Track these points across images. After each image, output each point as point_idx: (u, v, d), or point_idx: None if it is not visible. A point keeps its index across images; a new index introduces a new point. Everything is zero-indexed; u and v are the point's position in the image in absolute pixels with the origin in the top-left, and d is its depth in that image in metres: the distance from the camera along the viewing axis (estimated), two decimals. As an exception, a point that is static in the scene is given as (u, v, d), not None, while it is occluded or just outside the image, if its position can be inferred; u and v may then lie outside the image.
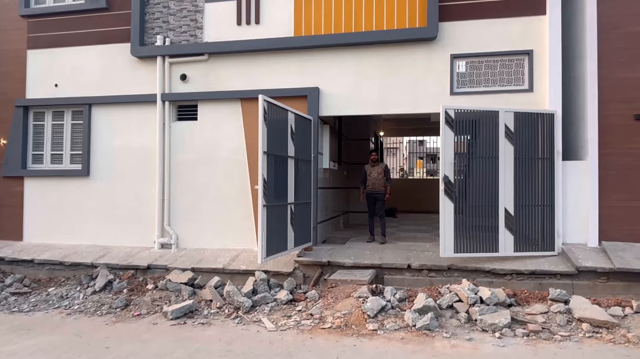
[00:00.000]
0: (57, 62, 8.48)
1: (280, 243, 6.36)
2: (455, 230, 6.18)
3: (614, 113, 6.39)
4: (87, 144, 8.24)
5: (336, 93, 7.38)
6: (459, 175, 6.32)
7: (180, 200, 7.87)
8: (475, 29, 6.91)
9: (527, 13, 6.74)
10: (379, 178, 7.74)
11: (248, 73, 7.66)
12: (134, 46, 7.95)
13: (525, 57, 6.80)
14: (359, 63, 7.30)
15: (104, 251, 7.68)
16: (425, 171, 25.26)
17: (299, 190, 6.90)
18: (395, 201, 12.93)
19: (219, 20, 7.79)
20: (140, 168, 7.99)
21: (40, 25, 8.61)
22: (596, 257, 6.00)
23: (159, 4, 8.04)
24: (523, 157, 6.39)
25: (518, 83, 6.85)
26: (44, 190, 8.45)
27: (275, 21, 7.58)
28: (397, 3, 7.16)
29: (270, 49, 7.53)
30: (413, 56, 7.13)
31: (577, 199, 6.49)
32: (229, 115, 7.72)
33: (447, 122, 6.22)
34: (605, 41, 6.42)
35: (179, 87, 7.94)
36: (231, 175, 7.65)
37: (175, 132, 7.94)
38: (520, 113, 6.40)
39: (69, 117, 8.53)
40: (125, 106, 8.12)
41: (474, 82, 7.00)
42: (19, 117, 8.55)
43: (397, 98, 7.17)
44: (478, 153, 6.33)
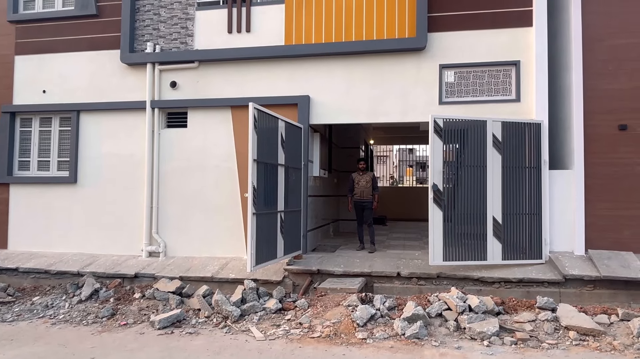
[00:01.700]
0: (46, 68, 8.41)
1: (269, 251, 6.33)
2: (444, 238, 6.21)
3: (599, 123, 6.51)
4: (74, 151, 8.15)
5: (326, 102, 7.42)
6: (448, 184, 6.37)
7: (169, 207, 7.81)
8: (463, 40, 7.01)
9: (514, 25, 6.86)
10: (367, 187, 7.77)
11: (238, 81, 7.67)
12: (123, 53, 7.92)
13: (513, 67, 6.91)
14: (349, 72, 7.36)
15: (90, 260, 7.58)
16: (415, 179, 25.41)
17: (289, 198, 6.89)
18: (385, 209, 13.00)
19: (210, 28, 7.81)
20: (129, 176, 7.93)
21: (28, 31, 8.54)
22: (583, 265, 6.07)
23: (149, 11, 8.03)
24: (510, 166, 6.47)
25: (505, 94, 6.95)
26: (30, 197, 8.33)
27: (266, 30, 7.61)
28: (387, 13, 7.25)
29: (261, 57, 7.55)
30: (402, 66, 7.20)
31: (563, 208, 6.58)
32: (218, 122, 7.71)
33: (436, 131, 6.28)
34: (590, 53, 6.56)
35: (168, 94, 7.92)
36: (221, 182, 7.62)
37: (164, 139, 7.90)
38: (508, 123, 6.48)
39: (57, 123, 8.44)
40: (114, 113, 8.07)
41: (462, 91, 7.09)
42: (6, 123, 8.44)
43: (386, 107, 7.22)
44: (466, 162, 6.39)
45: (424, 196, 7.69)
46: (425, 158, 26.47)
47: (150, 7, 8.02)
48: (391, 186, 18.25)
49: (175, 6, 7.92)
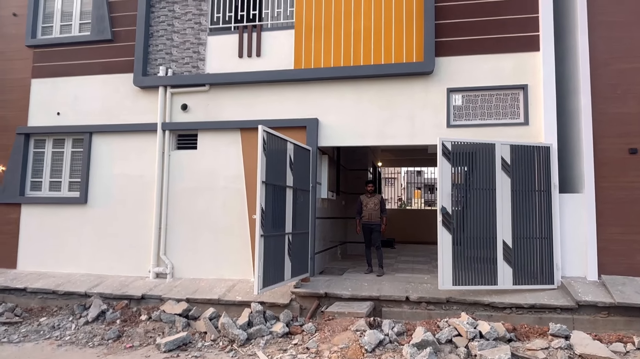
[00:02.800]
0: (61, 90, 8.61)
1: (277, 273, 6.30)
2: (454, 262, 6.14)
3: (608, 147, 6.48)
4: (86, 172, 8.26)
5: (335, 124, 7.48)
6: (457, 206, 6.33)
7: (177, 228, 7.83)
8: (471, 64, 7.08)
9: (521, 49, 6.93)
10: (376, 209, 7.74)
11: (248, 104, 7.79)
12: (136, 76, 8.10)
13: (520, 91, 6.94)
14: (357, 96, 7.44)
15: (98, 280, 7.58)
16: (423, 201, 25.30)
17: (296, 220, 6.88)
18: (393, 231, 12.91)
19: (221, 53, 7.98)
20: (138, 197, 7.99)
21: (45, 55, 8.79)
22: (596, 291, 5.94)
23: (162, 36, 8.24)
24: (520, 189, 6.43)
25: (514, 117, 6.96)
26: (40, 218, 8.42)
27: (276, 54, 7.76)
28: (395, 38, 7.36)
29: (271, 81, 7.68)
30: (410, 89, 7.27)
31: (575, 232, 6.49)
32: (228, 144, 7.79)
33: (444, 154, 6.29)
34: (598, 77, 6.58)
35: (179, 116, 8.05)
36: (229, 204, 7.65)
37: (174, 161, 7.99)
38: (517, 146, 6.47)
39: (70, 144, 8.59)
40: (125, 135, 8.20)
41: (470, 114, 7.11)
42: (20, 144, 8.61)
43: (395, 129, 7.26)
44: (475, 185, 6.36)
45: (433, 218, 7.64)
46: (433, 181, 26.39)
47: (164, 33, 8.24)
48: (399, 209, 18.17)
49: (188, 32, 8.13)
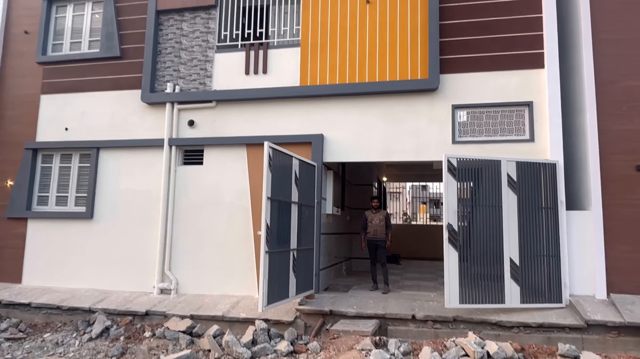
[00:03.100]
0: (69, 106, 8.72)
1: (281, 290, 6.26)
2: (460, 279, 6.08)
3: (615, 164, 6.44)
4: (92, 187, 8.31)
5: (340, 140, 7.51)
6: (463, 221, 6.29)
7: (182, 244, 7.83)
8: (475, 81, 7.11)
9: (526, 67, 6.96)
10: (381, 225, 7.71)
11: (254, 120, 7.84)
12: (144, 93, 8.19)
13: (526, 108, 6.95)
14: (362, 112, 7.48)
15: (102, 296, 7.56)
16: (429, 216, 25.17)
17: (301, 235, 6.87)
18: (399, 247, 12.83)
19: (228, 70, 8.07)
20: (144, 212, 8.02)
21: (55, 71, 8.93)
22: (605, 310, 5.85)
23: (170, 53, 8.36)
24: (526, 206, 6.39)
25: (519, 133, 6.96)
26: (46, 232, 8.45)
27: (282, 71, 7.84)
28: (400, 56, 7.42)
29: (277, 97, 7.74)
30: (415, 106, 7.30)
31: (582, 250, 6.42)
32: (234, 160, 7.82)
33: (450, 170, 6.28)
34: (604, 94, 6.58)
35: (186, 132, 8.11)
36: (234, 219, 7.65)
37: (180, 176, 8.03)
38: (522, 163, 6.46)
39: (77, 159, 8.67)
40: (132, 150, 8.26)
41: (475, 131, 7.12)
42: (28, 159, 8.70)
43: (400, 146, 7.27)
44: (481, 202, 6.33)
45: (438, 234, 7.60)
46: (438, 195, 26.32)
47: (172, 50, 8.36)
48: (404, 224, 18.09)
49: (195, 49, 8.25)
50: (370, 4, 7.58)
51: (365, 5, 7.61)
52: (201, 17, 8.30)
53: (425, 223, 18.10)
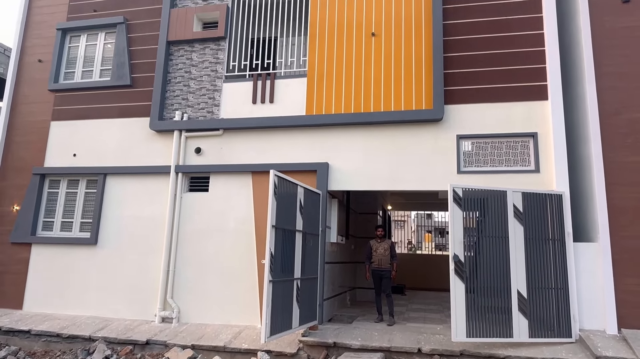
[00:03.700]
0: (78, 133, 8.85)
1: (284, 321, 6.15)
2: (467, 312, 5.96)
3: (622, 196, 6.40)
4: (98, 212, 8.34)
5: (345, 169, 7.53)
6: (469, 252, 6.22)
7: (185, 271, 7.77)
8: (479, 112, 7.18)
9: (530, 98, 7.02)
10: (386, 255, 7.63)
11: (260, 148, 7.91)
12: (153, 121, 8.32)
13: (530, 139, 6.98)
14: (367, 141, 7.53)
15: (103, 324, 7.46)
16: (434, 245, 24.94)
17: (305, 264, 6.80)
18: (404, 277, 12.65)
19: (236, 99, 8.20)
20: (148, 239, 8.00)
21: (65, 99, 9.11)
22: (617, 346, 5.69)
23: (180, 82, 8.53)
24: (533, 237, 6.33)
25: (524, 164, 6.96)
26: (50, 258, 8.43)
27: (288, 100, 7.96)
28: (405, 86, 7.53)
29: (283, 126, 7.83)
30: (420, 135, 7.35)
31: (591, 283, 6.30)
32: (239, 187, 7.85)
33: (455, 201, 6.26)
34: (608, 126, 6.61)
35: (192, 159, 8.18)
36: (238, 247, 7.61)
37: (185, 203, 8.04)
38: (528, 194, 6.43)
39: (84, 185, 8.73)
40: (139, 176, 8.32)
41: (480, 161, 7.13)
42: (35, 184, 8.77)
43: (405, 175, 7.28)
44: (487, 233, 6.28)
45: (444, 264, 7.50)
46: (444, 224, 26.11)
47: (181, 79, 8.53)
48: (410, 254, 17.90)
49: (204, 79, 8.42)
50: (375, 36, 7.76)
51: (370, 37, 7.78)
52: (210, 48, 8.51)
53: (430, 252, 17.90)
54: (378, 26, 7.79)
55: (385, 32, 7.74)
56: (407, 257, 14.93)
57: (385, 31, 7.75)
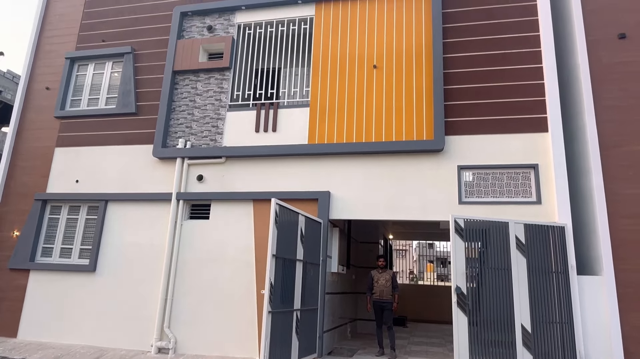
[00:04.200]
0: (82, 159, 8.91)
1: (283, 353, 6.02)
2: (470, 346, 5.83)
3: (625, 228, 6.36)
4: (97, 239, 8.30)
5: (347, 198, 7.53)
6: (472, 283, 6.14)
7: (183, 300, 7.66)
8: (480, 143, 7.23)
9: (530, 130, 7.09)
10: (387, 286, 7.53)
11: (262, 176, 7.94)
12: (156, 148, 8.39)
13: (531, 170, 7.00)
14: (369, 170, 7.56)
15: (98, 354, 7.30)
16: (436, 275, 24.62)
17: (305, 295, 6.71)
18: (405, 308, 12.44)
19: (239, 127, 8.29)
20: (147, 266, 7.93)
21: (70, 125, 9.23)
22: (625, 384, 5.53)
23: (184, 111, 8.66)
24: (536, 270, 6.25)
25: (526, 195, 6.96)
26: (47, 285, 8.34)
27: (291, 129, 8.03)
28: (406, 117, 7.62)
29: (285, 155, 7.88)
30: (421, 165, 7.38)
31: (597, 317, 6.18)
32: (240, 215, 7.83)
33: (457, 231, 6.23)
34: (609, 158, 6.64)
35: (194, 186, 8.20)
36: (238, 276, 7.53)
37: (186, 231, 8.01)
38: (530, 225, 6.40)
39: (85, 211, 8.72)
40: (140, 203, 8.32)
41: (481, 192, 7.14)
42: (37, 210, 8.77)
43: (406, 204, 7.27)
44: (490, 264, 6.22)
45: (446, 295, 7.40)
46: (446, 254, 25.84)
47: (186, 108, 8.66)
48: (411, 284, 17.66)
49: (208, 107, 8.54)
50: (377, 68, 7.91)
51: (372, 69, 7.93)
52: (215, 78, 8.67)
53: (432, 283, 17.67)
54: (380, 58, 7.96)
55: (387, 65, 7.90)
56: (408, 288, 14.72)
57: (386, 63, 7.91)
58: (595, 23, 7.18)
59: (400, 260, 28.12)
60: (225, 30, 8.87)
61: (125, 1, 9.71)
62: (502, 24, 7.59)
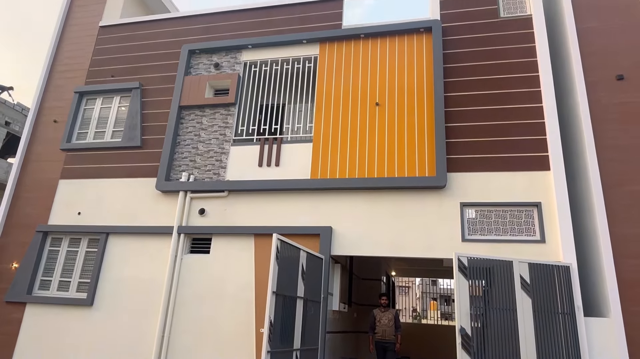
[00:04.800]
0: (85, 191, 8.94)
1: (282, 395, 5.82)
2: (475, 391, 5.62)
3: (632, 269, 6.27)
4: (96, 273, 8.21)
5: (349, 234, 7.48)
6: (476, 322, 5.99)
7: (180, 338, 7.48)
8: (482, 180, 7.23)
9: (532, 168, 7.10)
10: (390, 326, 7.37)
11: (264, 210, 7.92)
12: (159, 181, 8.43)
13: (534, 208, 6.97)
14: (371, 206, 7.53)
15: (90, 393, 7.07)
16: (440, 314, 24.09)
17: (306, 334, 6.55)
18: (408, 348, 12.09)
19: (242, 161, 8.35)
20: (145, 301, 7.80)
21: (76, 158, 9.31)
22: None
23: (189, 145, 8.76)
24: (542, 310, 6.11)
25: (529, 234, 6.90)
26: (43, 319, 8.18)
27: (294, 164, 8.09)
28: (408, 153, 7.67)
29: (288, 189, 7.90)
30: (424, 202, 7.36)
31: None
32: (241, 250, 7.77)
33: (461, 270, 6.14)
34: (612, 197, 6.62)
35: (196, 220, 8.18)
36: (237, 314, 7.37)
37: (185, 265, 7.93)
38: (535, 265, 6.31)
39: (85, 244, 8.68)
40: (141, 237, 8.28)
41: (485, 229, 7.08)
42: (37, 242, 8.73)
43: (409, 241, 7.21)
44: (495, 304, 6.09)
45: (450, 335, 7.19)
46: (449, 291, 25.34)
47: (190, 142, 8.77)
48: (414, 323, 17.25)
49: (212, 142, 8.64)
50: (379, 106, 8.04)
51: (374, 106, 8.07)
52: (220, 113, 8.82)
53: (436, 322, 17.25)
54: (382, 96, 8.10)
55: (389, 102, 8.03)
56: (411, 327, 14.36)
57: (389, 101, 8.04)
58: (593, 64, 7.35)
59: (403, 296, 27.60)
60: (231, 67, 9.10)
61: (135, 39, 10.02)
62: (502, 64, 7.76)
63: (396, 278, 15.89)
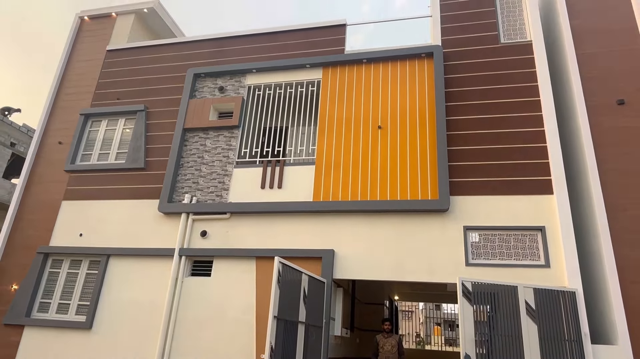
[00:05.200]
0: (87, 212, 8.94)
1: None
2: (481, 421, 5.46)
3: (638, 294, 6.16)
4: (96, 295, 8.13)
5: (351, 257, 7.41)
6: (481, 348, 5.86)
7: (180, 362, 7.34)
8: (486, 204, 7.20)
9: (535, 192, 7.08)
10: (393, 352, 7.20)
11: (266, 233, 7.88)
12: (162, 203, 8.43)
13: (538, 232, 6.91)
14: (373, 229, 7.49)
15: (86, 420, 6.90)
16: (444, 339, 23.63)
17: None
18: (412, 375, 11.83)
19: (245, 184, 8.37)
20: (145, 325, 7.69)
21: (79, 179, 9.35)
22: None
23: (192, 167, 8.79)
24: (548, 337, 5.99)
25: (534, 258, 6.82)
26: (41, 343, 8.06)
27: (296, 187, 8.09)
28: (410, 176, 7.67)
29: (290, 211, 7.87)
30: (427, 225, 7.32)
31: (616, 391, 5.83)
32: (242, 272, 7.69)
33: (465, 295, 6.05)
34: (616, 221, 6.57)
35: (197, 242, 8.14)
36: (237, 338, 7.25)
37: (186, 288, 7.84)
38: (540, 290, 6.21)
39: (86, 266, 8.62)
40: (142, 259, 8.23)
41: (488, 254, 7.01)
42: (38, 263, 8.68)
43: (412, 265, 7.13)
44: (500, 331, 5.97)
45: (455, 365, 7.06)
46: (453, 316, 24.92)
47: (194, 164, 8.80)
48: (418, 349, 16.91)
49: (216, 164, 8.68)
50: (382, 129, 8.09)
51: (377, 130, 8.12)
52: (224, 135, 8.89)
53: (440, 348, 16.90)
54: (384, 120, 8.16)
55: (391, 125, 8.09)
56: (415, 353, 14.07)
57: (391, 124, 8.10)
58: (594, 89, 7.41)
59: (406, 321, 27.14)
60: (235, 90, 9.21)
61: (141, 62, 10.20)
62: (503, 89, 7.83)
63: (399, 303, 15.66)
